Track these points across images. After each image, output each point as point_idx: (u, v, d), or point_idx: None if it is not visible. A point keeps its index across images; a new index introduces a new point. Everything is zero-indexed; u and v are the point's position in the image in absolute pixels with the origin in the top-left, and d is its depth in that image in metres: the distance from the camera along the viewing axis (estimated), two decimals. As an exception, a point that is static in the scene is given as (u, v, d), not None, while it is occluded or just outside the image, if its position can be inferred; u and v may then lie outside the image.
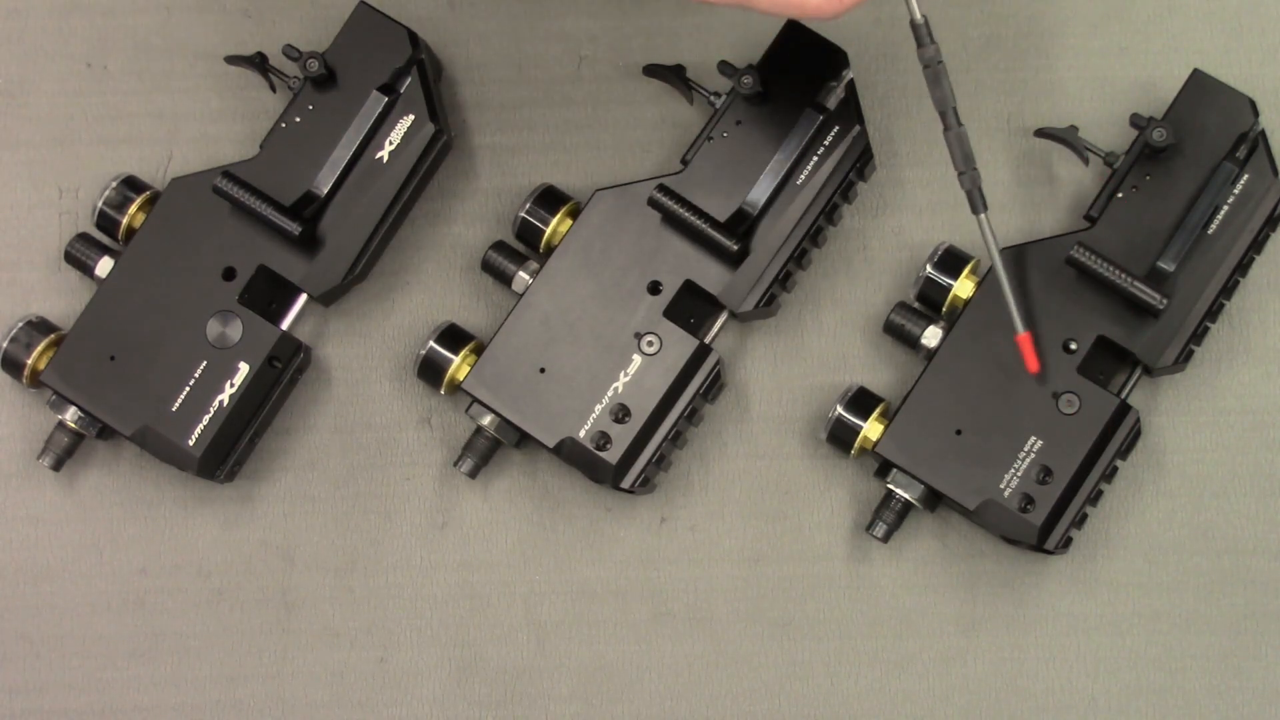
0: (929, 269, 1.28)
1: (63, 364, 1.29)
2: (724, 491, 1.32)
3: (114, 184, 1.31)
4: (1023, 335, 1.25)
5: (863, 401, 1.28)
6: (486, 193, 1.35)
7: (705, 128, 1.30)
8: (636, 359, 1.28)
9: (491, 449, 1.30)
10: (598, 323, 1.28)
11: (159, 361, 1.28)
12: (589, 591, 1.32)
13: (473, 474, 1.30)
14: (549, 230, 1.30)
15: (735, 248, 1.27)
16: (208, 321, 1.29)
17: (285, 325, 1.32)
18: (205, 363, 1.28)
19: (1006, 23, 1.34)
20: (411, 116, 1.30)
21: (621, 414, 1.27)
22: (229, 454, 1.30)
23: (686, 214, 1.27)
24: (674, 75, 1.32)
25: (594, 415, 1.27)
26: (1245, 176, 1.26)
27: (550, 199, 1.30)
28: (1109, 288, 1.25)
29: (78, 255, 1.31)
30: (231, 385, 1.28)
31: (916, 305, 1.29)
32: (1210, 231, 1.26)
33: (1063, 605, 1.30)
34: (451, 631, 1.31)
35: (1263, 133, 1.27)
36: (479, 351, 1.29)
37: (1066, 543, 1.26)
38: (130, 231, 1.30)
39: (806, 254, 1.30)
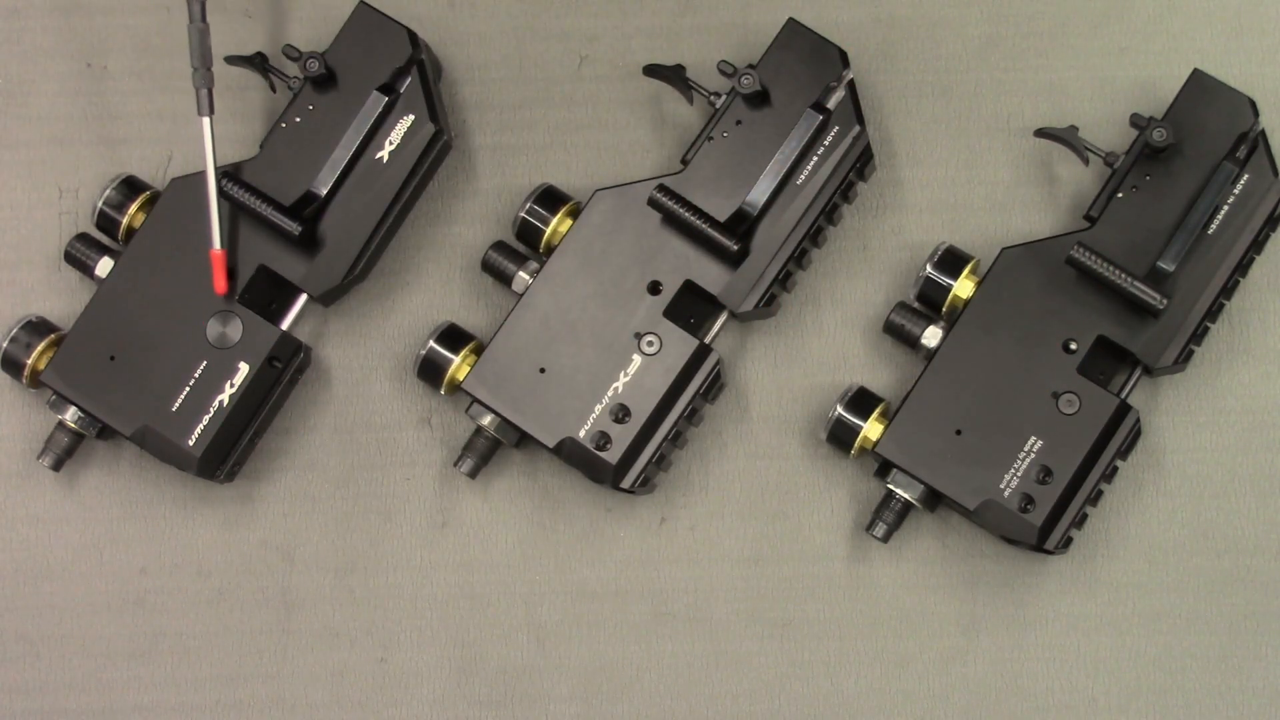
0: (929, 269, 1.28)
1: (63, 364, 1.29)
2: (724, 491, 1.32)
3: (114, 184, 1.31)
4: (217, 252, 1.26)
5: (863, 401, 1.28)
6: (486, 193, 1.35)
7: (705, 128, 1.30)
8: (636, 359, 1.28)
9: (491, 449, 1.29)
10: (598, 323, 1.28)
11: (159, 361, 1.28)
12: (589, 591, 1.32)
13: (473, 474, 1.30)
14: (549, 230, 1.30)
15: (735, 248, 1.27)
16: (208, 321, 1.29)
17: (285, 325, 1.32)
18: (205, 363, 1.28)
19: (1006, 23, 1.34)
20: (411, 116, 1.30)
21: (621, 414, 1.27)
22: (229, 454, 1.30)
23: (686, 214, 1.27)
24: (674, 75, 1.31)
25: (594, 415, 1.27)
26: (1245, 176, 1.26)
27: (550, 199, 1.30)
28: (1109, 288, 1.25)
29: (78, 255, 1.31)
30: (231, 385, 1.28)
31: (916, 305, 1.29)
32: (1210, 231, 1.26)
33: (1063, 605, 1.30)
34: (451, 631, 1.31)
35: (1263, 133, 1.27)
36: (479, 351, 1.29)
37: (1066, 543, 1.26)
38: (130, 231, 1.30)
39: (806, 254, 1.30)
